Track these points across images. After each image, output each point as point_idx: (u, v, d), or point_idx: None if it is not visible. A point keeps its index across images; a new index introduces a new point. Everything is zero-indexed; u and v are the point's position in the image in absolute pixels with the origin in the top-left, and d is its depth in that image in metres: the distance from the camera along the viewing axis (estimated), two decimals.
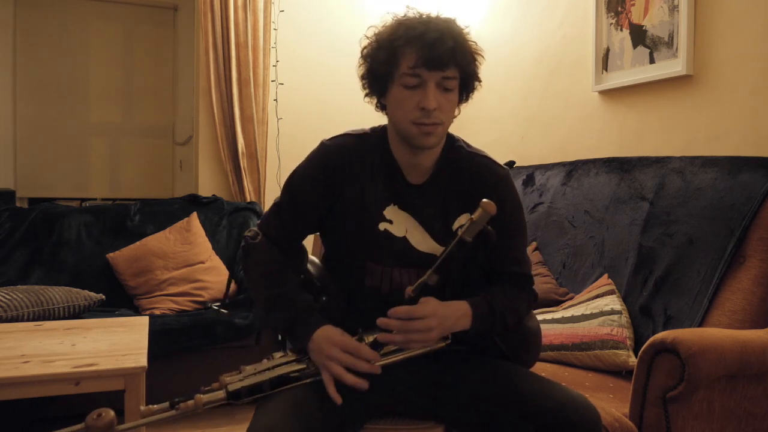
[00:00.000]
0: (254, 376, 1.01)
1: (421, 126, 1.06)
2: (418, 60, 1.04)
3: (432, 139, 1.08)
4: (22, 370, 1.41)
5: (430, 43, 1.03)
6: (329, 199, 1.16)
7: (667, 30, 2.04)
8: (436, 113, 1.06)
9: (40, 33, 4.48)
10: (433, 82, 1.05)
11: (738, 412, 1.29)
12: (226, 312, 2.39)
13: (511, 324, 1.16)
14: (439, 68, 1.04)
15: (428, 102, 1.04)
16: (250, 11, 3.11)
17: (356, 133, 1.19)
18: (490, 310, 1.11)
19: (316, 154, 1.19)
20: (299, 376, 1.03)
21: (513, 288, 1.18)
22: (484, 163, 1.18)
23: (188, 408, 0.96)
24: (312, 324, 1.06)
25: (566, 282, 2.00)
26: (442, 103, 1.07)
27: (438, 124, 1.07)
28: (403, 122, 1.08)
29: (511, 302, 1.15)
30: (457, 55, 1.05)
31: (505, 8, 2.97)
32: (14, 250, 2.64)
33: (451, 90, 1.08)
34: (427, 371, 1.14)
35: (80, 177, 4.69)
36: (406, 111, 1.07)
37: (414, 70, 1.04)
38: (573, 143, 2.53)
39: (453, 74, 1.07)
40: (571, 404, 1.02)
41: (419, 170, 1.16)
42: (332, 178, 1.15)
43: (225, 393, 0.99)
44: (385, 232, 1.15)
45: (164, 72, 4.76)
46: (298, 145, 3.27)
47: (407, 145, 1.12)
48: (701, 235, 1.60)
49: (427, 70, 1.04)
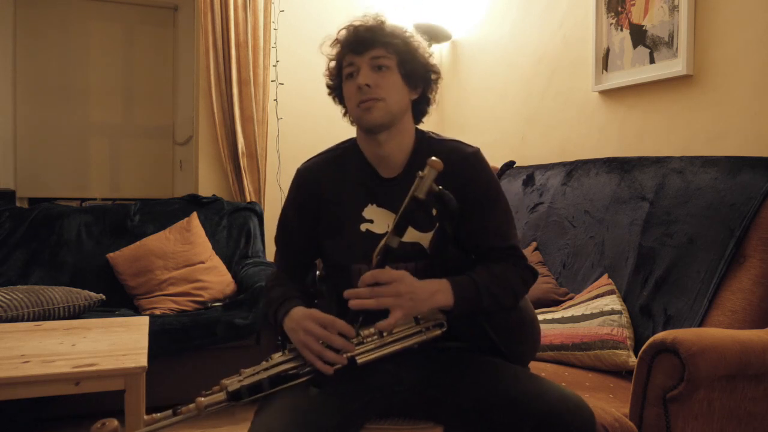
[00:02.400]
0: (253, 376, 1.01)
1: (361, 104, 1.14)
2: (346, 49, 1.16)
3: (374, 114, 1.14)
4: (22, 370, 1.41)
5: (351, 31, 1.16)
6: (308, 219, 1.23)
7: (667, 30, 2.04)
8: (373, 90, 1.13)
9: (40, 33, 4.47)
10: (364, 64, 1.14)
11: (738, 412, 1.29)
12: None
13: (506, 302, 1.14)
14: (364, 49, 1.14)
15: (360, 79, 1.13)
16: (250, 11, 3.11)
17: (328, 150, 1.28)
18: (473, 286, 1.09)
19: (293, 181, 1.27)
20: (297, 373, 1.04)
21: (500, 264, 1.16)
22: (452, 146, 1.20)
23: (190, 412, 0.96)
24: (289, 306, 1.12)
25: (566, 282, 2.00)
26: (377, 81, 1.13)
27: (377, 99, 1.13)
28: (352, 110, 1.18)
29: (498, 278, 1.13)
30: (376, 34, 1.14)
31: (505, 8, 2.97)
32: (14, 250, 2.64)
33: (387, 67, 1.15)
34: (424, 371, 1.14)
35: (80, 177, 4.69)
36: (350, 98, 1.17)
37: (346, 60, 1.16)
38: (573, 143, 2.53)
39: (381, 53, 1.14)
40: (565, 405, 1.02)
41: (391, 164, 1.20)
42: (310, 198, 1.23)
43: (225, 394, 0.99)
44: (367, 232, 1.17)
45: (164, 72, 4.76)
46: (298, 145, 3.29)
47: (366, 135, 1.19)
48: (701, 235, 1.60)
49: (355, 54, 1.15)
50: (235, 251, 2.89)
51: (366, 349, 1.06)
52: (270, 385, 1.02)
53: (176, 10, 4.69)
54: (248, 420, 1.02)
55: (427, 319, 1.10)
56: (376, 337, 1.07)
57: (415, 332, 1.09)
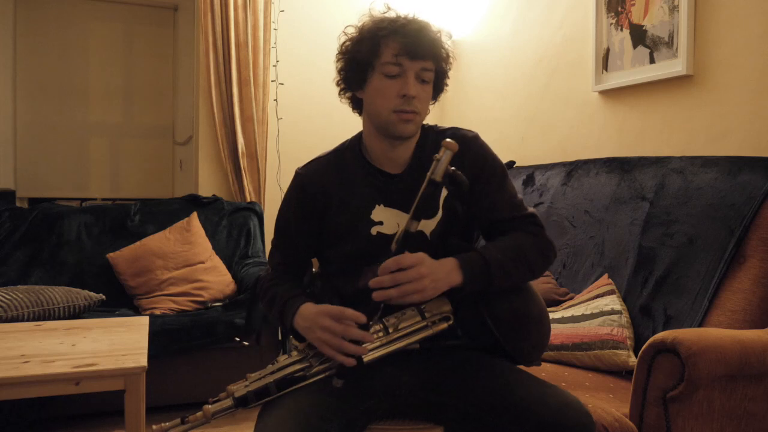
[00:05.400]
0: (259, 380, 1.01)
1: (401, 113, 1.11)
2: (401, 49, 1.10)
3: (410, 127, 1.13)
4: (22, 370, 1.41)
5: (413, 33, 1.10)
6: (312, 224, 1.22)
7: (667, 30, 2.04)
8: (415, 102, 1.11)
9: (40, 33, 4.47)
10: (413, 71, 1.11)
11: (738, 412, 1.29)
12: (246, 343, 2.42)
13: (521, 273, 1.12)
14: (420, 58, 1.11)
15: (409, 89, 1.10)
16: (250, 11, 3.11)
17: (328, 152, 1.25)
18: (481, 260, 1.08)
19: (291, 184, 1.25)
20: (304, 375, 1.03)
21: (518, 235, 1.15)
22: (451, 133, 1.21)
23: (198, 420, 0.97)
24: (297, 303, 1.11)
25: (566, 282, 2.00)
26: (420, 94, 1.12)
27: (416, 113, 1.13)
28: (384, 111, 1.13)
29: (509, 249, 1.11)
30: (435, 48, 1.12)
31: (505, 8, 2.97)
32: (14, 250, 2.64)
33: (428, 83, 1.15)
34: (426, 374, 1.14)
35: (80, 177, 4.69)
36: (387, 99, 1.12)
37: (397, 59, 1.10)
38: (573, 143, 2.53)
39: (430, 66, 1.13)
40: (565, 410, 1.02)
41: (397, 162, 1.19)
42: (311, 204, 1.21)
43: (232, 400, 0.99)
44: (378, 235, 1.16)
45: (164, 72, 4.76)
46: (298, 145, 3.29)
47: (385, 137, 1.16)
48: (701, 235, 1.60)
49: (409, 59, 1.10)
50: (235, 251, 2.89)
51: (372, 346, 1.05)
52: (277, 389, 1.02)
53: (176, 10, 4.69)
54: (249, 420, 1.02)
55: (432, 312, 1.10)
56: (382, 334, 1.06)
57: (421, 327, 1.09)
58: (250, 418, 1.03)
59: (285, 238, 1.27)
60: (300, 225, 1.23)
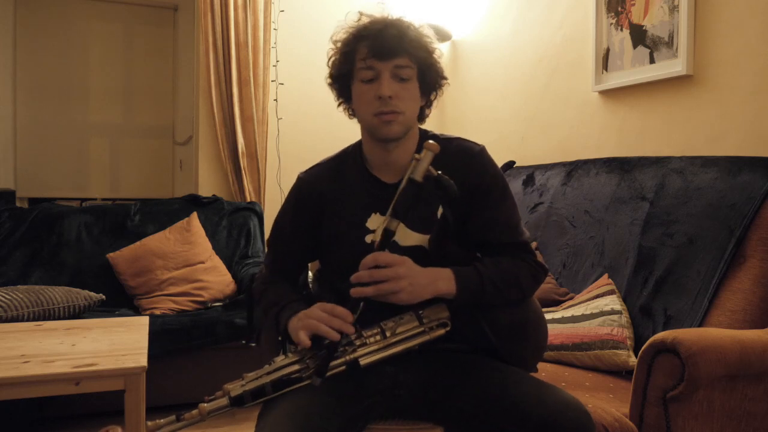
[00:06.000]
0: (256, 380, 1.01)
1: (380, 116, 1.11)
2: (368, 52, 1.10)
3: (394, 128, 1.12)
4: (22, 370, 1.41)
5: (375, 34, 1.10)
6: (310, 229, 1.23)
7: (667, 30, 2.04)
8: (394, 102, 1.10)
9: (40, 33, 4.48)
10: (386, 71, 1.10)
11: (738, 412, 1.29)
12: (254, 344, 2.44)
13: (511, 296, 1.13)
14: (389, 57, 1.09)
15: (382, 90, 1.09)
16: (250, 11, 3.11)
17: (330, 158, 1.26)
18: (477, 276, 1.09)
19: (293, 188, 1.26)
20: (300, 376, 1.03)
21: (510, 259, 1.16)
22: (458, 145, 1.20)
23: (193, 418, 0.97)
24: (296, 309, 1.12)
25: (566, 282, 2.00)
26: (399, 92, 1.11)
27: (397, 113, 1.11)
28: (367, 116, 1.13)
29: (504, 271, 1.13)
30: (404, 42, 1.10)
31: (505, 8, 2.97)
32: (14, 250, 2.64)
33: (408, 79, 1.12)
34: (425, 374, 1.14)
35: (80, 177, 4.69)
36: (366, 104, 1.13)
37: (366, 62, 1.10)
38: (573, 143, 2.53)
39: (405, 63, 1.11)
40: (565, 410, 1.02)
41: (394, 169, 1.19)
42: (310, 209, 1.22)
43: (228, 399, 0.99)
44: (373, 243, 1.16)
45: (164, 72, 4.76)
46: (298, 145, 3.29)
47: (377, 142, 1.16)
48: (701, 235, 1.60)
49: (378, 60, 1.09)
50: (235, 251, 2.89)
51: (369, 350, 1.05)
52: (273, 389, 1.02)
53: (176, 10, 4.69)
54: (248, 420, 1.03)
55: (430, 318, 1.10)
56: (379, 338, 1.06)
57: (418, 332, 1.09)
58: (250, 418, 1.03)
59: (280, 240, 1.29)
60: (295, 228, 1.25)
